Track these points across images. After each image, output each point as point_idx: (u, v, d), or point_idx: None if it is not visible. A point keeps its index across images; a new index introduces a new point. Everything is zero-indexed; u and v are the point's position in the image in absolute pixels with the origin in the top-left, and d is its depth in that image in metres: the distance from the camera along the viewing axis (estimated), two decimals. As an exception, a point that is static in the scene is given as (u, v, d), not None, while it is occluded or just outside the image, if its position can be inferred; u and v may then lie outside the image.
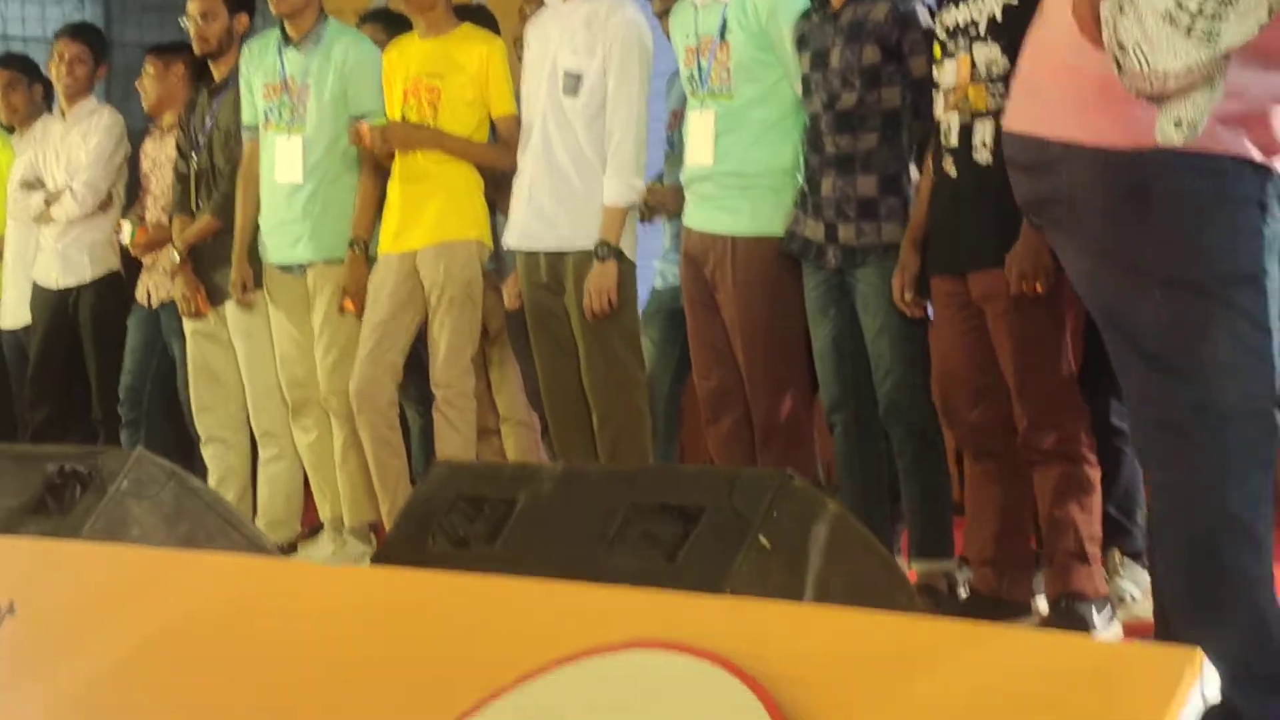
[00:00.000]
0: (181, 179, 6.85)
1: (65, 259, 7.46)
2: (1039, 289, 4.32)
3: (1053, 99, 2.97)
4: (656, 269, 6.45)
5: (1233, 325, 2.81)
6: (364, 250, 6.19)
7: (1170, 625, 2.90)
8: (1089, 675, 2.25)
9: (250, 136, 6.48)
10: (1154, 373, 2.87)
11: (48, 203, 7.46)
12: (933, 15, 4.86)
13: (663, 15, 6.03)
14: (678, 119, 6.14)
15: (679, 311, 5.75)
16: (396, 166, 6.06)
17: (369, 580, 3.30)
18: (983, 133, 4.46)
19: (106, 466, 4.15)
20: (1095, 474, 4.51)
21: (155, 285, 7.14)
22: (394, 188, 6.08)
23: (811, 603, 2.77)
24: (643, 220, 5.98)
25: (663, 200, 6.03)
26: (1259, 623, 2.78)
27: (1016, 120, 3.06)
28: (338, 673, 3.00)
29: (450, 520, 3.37)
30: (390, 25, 6.66)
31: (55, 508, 4.17)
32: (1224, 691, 2.28)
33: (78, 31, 7.74)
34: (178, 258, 6.71)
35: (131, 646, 3.31)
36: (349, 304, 6.16)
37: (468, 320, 5.98)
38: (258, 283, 6.51)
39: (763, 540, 2.94)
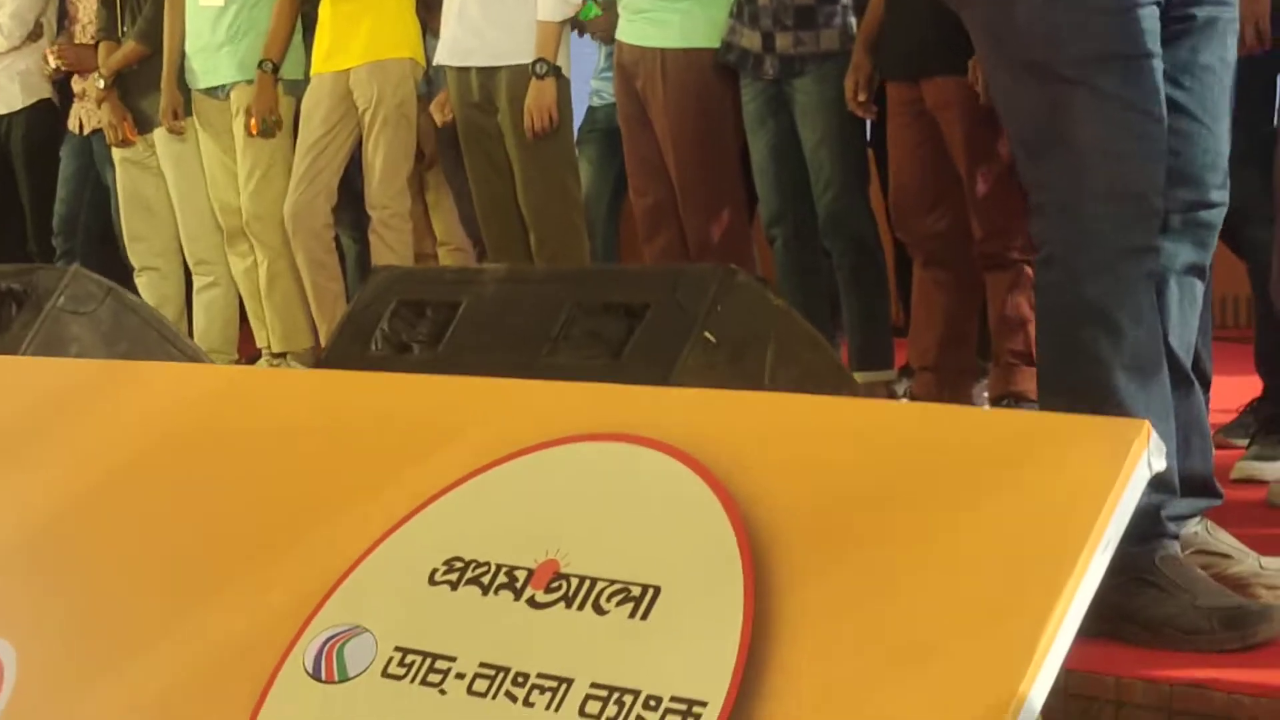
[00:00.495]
0: (107, 4, 6.76)
1: (-2, 88, 7.38)
2: None
3: None
4: (592, 88, 6.41)
5: (1099, 109, 2.78)
6: (274, 71, 6.12)
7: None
8: (1037, 446, 2.25)
9: (176, -42, 6.38)
10: (1030, 160, 2.87)
11: None
12: None
13: None
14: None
15: (616, 130, 5.72)
16: None
17: (313, 383, 3.28)
18: None
19: (42, 283, 4.10)
20: (1050, 278, 4.52)
21: (87, 113, 7.09)
22: (325, 8, 6.00)
23: (757, 390, 2.76)
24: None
25: (596, 27, 5.97)
26: (1114, 410, 2.77)
27: None
28: (283, 475, 2.98)
29: (392, 325, 3.34)
30: None
31: (-9, 326, 4.12)
32: None
33: None
34: (103, 85, 6.63)
35: (80, 458, 3.29)
36: (254, 125, 6.10)
37: (403, 140, 5.93)
38: (187, 110, 6.44)
39: (708, 335, 2.92)
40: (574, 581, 2.46)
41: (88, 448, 3.29)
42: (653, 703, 2.27)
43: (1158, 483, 2.71)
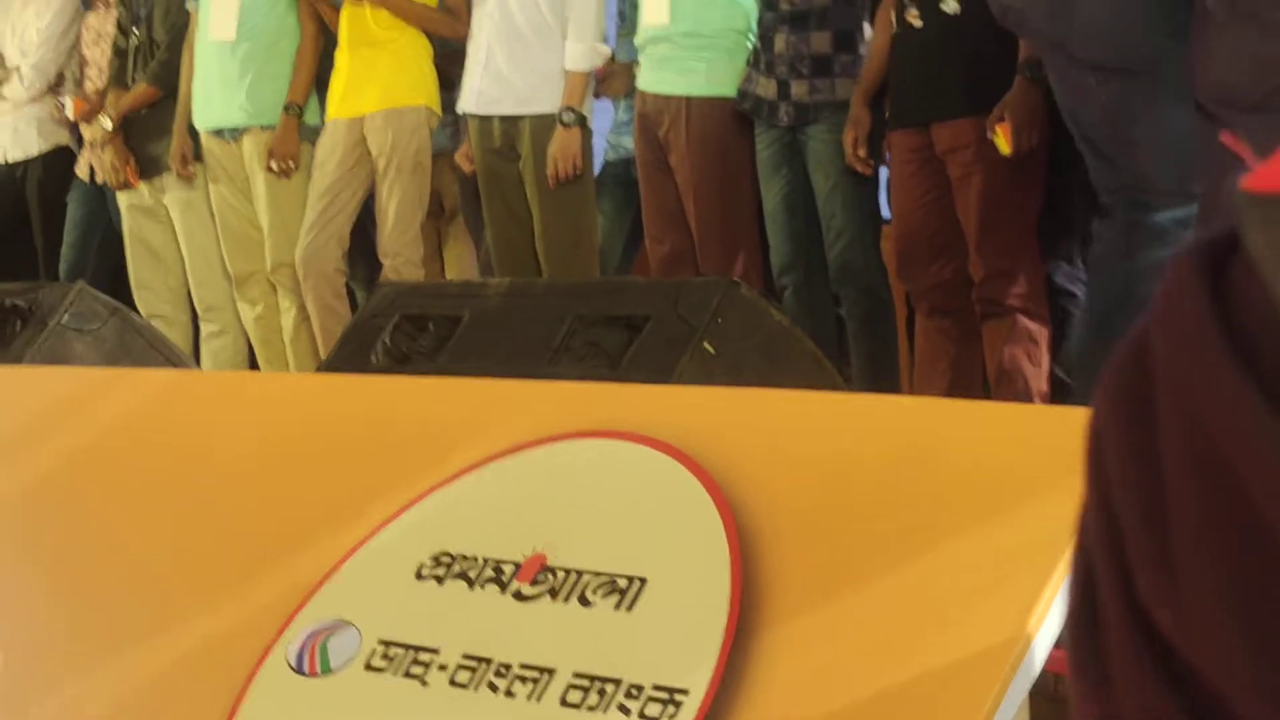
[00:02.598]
0: (120, 54, 6.75)
1: (15, 133, 7.37)
2: (1028, 141, 4.22)
3: None
4: (608, 143, 6.41)
5: (1158, 103, 2.80)
6: (298, 114, 6.10)
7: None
8: (1028, 437, 2.24)
9: (194, 6, 6.36)
10: (1096, 158, 2.88)
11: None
12: None
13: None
14: (628, -10, 6.12)
15: (632, 182, 5.73)
16: (344, 32, 5.98)
17: (307, 386, 3.26)
18: None
19: (47, 300, 4.09)
20: (1045, 331, 4.50)
21: (97, 160, 7.07)
22: (342, 54, 6.00)
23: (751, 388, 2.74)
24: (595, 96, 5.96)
25: (613, 77, 6.00)
26: None
27: None
28: (273, 476, 2.97)
29: (394, 338, 3.33)
30: None
31: (-7, 342, 4.11)
32: None
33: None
34: (110, 125, 6.61)
35: (70, 460, 3.27)
36: (276, 166, 6.07)
37: (416, 187, 5.92)
38: (196, 154, 6.41)
39: (707, 346, 2.90)
40: (561, 574, 2.45)
41: (78, 450, 3.28)
42: (634, 691, 2.25)
43: None
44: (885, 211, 5.08)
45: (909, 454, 2.31)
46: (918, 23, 4.48)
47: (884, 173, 5.05)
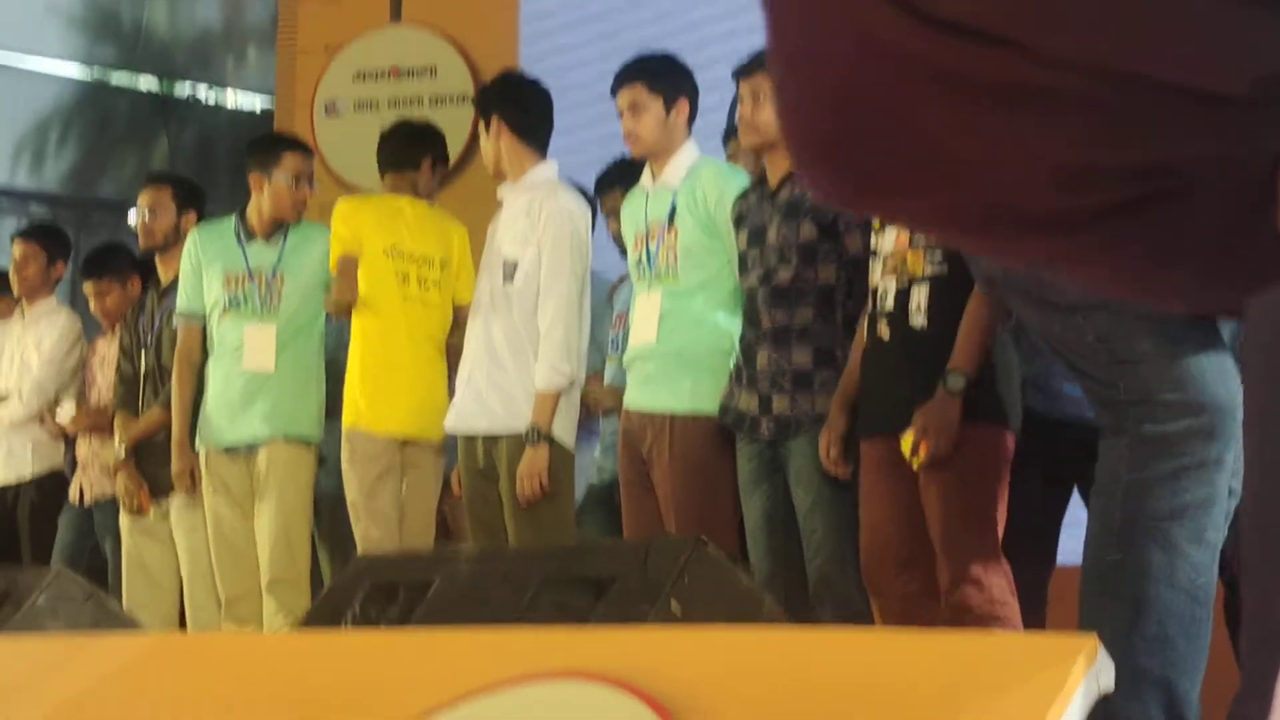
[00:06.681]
0: (125, 379, 6.80)
1: (10, 455, 7.43)
2: (939, 449, 4.32)
3: None
4: (595, 464, 6.46)
5: (1149, 320, 2.88)
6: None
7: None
8: (982, 668, 2.24)
9: (192, 323, 6.45)
10: (1095, 386, 2.94)
11: None
12: None
13: (613, 215, 6.12)
14: (623, 321, 6.21)
15: (616, 506, 5.75)
16: None
17: (269, 646, 3.26)
18: (918, 297, 4.49)
19: (23, 582, 4.10)
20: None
21: (90, 483, 7.11)
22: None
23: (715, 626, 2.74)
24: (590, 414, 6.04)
25: (600, 398, 6.08)
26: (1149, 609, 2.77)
27: None
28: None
29: (363, 608, 3.33)
30: None
31: (-33, 625, 4.10)
32: None
33: (30, 232, 7.82)
34: (123, 454, 6.64)
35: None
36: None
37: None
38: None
39: (674, 605, 2.91)
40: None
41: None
42: None
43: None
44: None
45: (863, 683, 2.31)
46: (886, 335, 4.57)
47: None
